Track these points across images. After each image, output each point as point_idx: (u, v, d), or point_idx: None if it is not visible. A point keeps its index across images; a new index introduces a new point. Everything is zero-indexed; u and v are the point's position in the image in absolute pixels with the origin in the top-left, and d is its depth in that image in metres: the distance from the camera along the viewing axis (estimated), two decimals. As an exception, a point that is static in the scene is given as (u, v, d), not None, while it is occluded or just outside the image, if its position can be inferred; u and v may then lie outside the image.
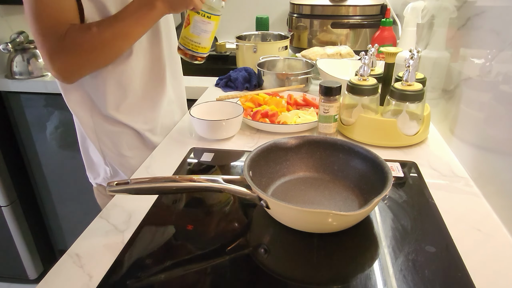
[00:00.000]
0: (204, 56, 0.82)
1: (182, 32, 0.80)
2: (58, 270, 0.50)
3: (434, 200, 0.63)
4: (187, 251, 0.53)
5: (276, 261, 0.51)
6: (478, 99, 0.70)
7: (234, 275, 0.49)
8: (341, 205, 0.60)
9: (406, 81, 0.76)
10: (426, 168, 0.74)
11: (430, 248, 0.52)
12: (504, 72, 0.61)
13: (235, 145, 0.84)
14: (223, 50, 1.67)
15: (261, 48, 1.28)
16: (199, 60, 0.82)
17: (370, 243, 0.54)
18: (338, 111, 0.82)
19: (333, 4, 1.37)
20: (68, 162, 1.47)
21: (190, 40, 0.79)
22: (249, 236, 0.56)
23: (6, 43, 1.30)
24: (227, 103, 0.93)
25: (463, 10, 0.79)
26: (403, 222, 0.58)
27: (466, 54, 0.76)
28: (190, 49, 0.79)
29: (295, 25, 1.47)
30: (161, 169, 0.75)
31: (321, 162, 0.68)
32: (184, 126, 0.94)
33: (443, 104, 0.87)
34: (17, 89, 1.34)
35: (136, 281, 0.48)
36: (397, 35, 1.37)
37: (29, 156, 1.49)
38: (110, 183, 0.53)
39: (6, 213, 1.49)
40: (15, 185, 1.50)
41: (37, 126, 1.41)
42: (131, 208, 0.63)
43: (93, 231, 0.58)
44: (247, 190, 0.55)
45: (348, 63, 1.15)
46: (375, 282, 0.47)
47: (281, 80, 1.11)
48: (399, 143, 0.81)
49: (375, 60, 0.90)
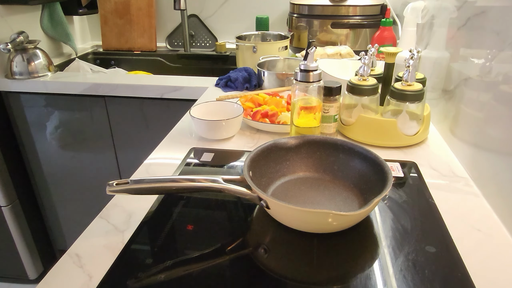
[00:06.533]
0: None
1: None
2: (58, 270, 0.50)
3: (434, 200, 0.63)
4: (187, 251, 0.53)
5: (276, 261, 0.51)
6: (478, 99, 0.70)
7: (234, 275, 0.49)
8: (341, 205, 0.60)
9: (406, 81, 0.76)
10: (426, 168, 0.74)
11: (430, 248, 0.52)
12: (504, 72, 0.61)
13: (235, 145, 0.84)
14: (223, 50, 1.67)
15: (261, 48, 1.28)
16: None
17: (370, 243, 0.54)
18: (338, 111, 0.82)
19: (333, 4, 1.37)
20: (68, 162, 1.47)
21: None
22: (249, 236, 0.56)
23: (6, 43, 1.30)
24: (227, 103, 0.93)
25: (463, 10, 0.79)
26: (403, 222, 0.58)
27: (466, 54, 0.76)
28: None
29: (295, 25, 1.47)
30: (161, 169, 0.75)
31: (321, 162, 0.68)
32: (184, 126, 0.94)
33: (443, 104, 0.87)
34: (17, 89, 1.34)
35: (136, 281, 0.48)
36: (397, 35, 1.37)
37: (29, 156, 1.49)
38: (110, 183, 0.53)
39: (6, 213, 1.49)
40: (15, 185, 1.50)
41: (37, 126, 1.41)
42: (131, 208, 0.63)
43: (93, 231, 0.58)
44: (247, 190, 0.55)
45: (348, 63, 1.15)
46: (375, 282, 0.47)
47: (281, 80, 1.11)
48: (399, 143, 0.81)
49: (375, 60, 0.90)
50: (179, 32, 1.77)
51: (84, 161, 1.45)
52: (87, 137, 1.40)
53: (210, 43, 1.76)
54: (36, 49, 1.38)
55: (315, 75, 0.72)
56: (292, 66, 1.22)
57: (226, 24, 1.76)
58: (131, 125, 1.34)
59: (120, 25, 1.74)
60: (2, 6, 1.37)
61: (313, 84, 0.72)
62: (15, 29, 1.41)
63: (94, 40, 1.91)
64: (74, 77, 1.34)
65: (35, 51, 1.38)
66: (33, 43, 1.38)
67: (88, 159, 1.45)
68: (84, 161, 1.45)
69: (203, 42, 1.77)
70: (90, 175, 1.48)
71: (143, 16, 1.72)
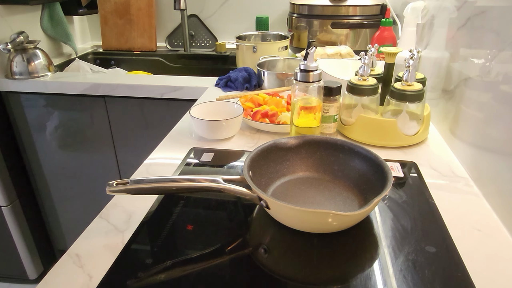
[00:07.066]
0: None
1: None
2: (58, 270, 0.50)
3: (434, 200, 0.63)
4: (187, 251, 0.53)
5: (276, 261, 0.51)
6: (478, 99, 0.70)
7: (234, 275, 0.49)
8: (341, 205, 0.60)
9: (406, 81, 0.76)
10: (426, 168, 0.74)
11: (430, 248, 0.52)
12: (504, 72, 0.61)
13: (235, 145, 0.84)
14: (223, 50, 1.67)
15: (261, 48, 1.28)
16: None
17: (370, 243, 0.54)
18: (338, 111, 0.82)
19: (333, 4, 1.37)
20: (68, 162, 1.47)
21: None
22: (249, 236, 0.56)
23: (6, 43, 1.30)
24: (227, 103, 0.93)
25: (463, 10, 0.79)
26: (403, 222, 0.58)
27: (466, 54, 0.76)
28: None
29: (295, 25, 1.47)
30: (161, 169, 0.75)
31: (321, 162, 0.68)
32: (184, 126, 0.94)
33: (443, 104, 0.87)
34: (17, 89, 1.34)
35: (136, 281, 0.48)
36: (397, 35, 1.37)
37: (29, 156, 1.49)
38: (110, 183, 0.53)
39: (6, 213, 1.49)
40: (15, 185, 1.50)
41: (37, 126, 1.41)
42: (131, 208, 0.63)
43: (93, 231, 0.58)
44: (247, 190, 0.55)
45: (348, 63, 1.15)
46: (375, 282, 0.47)
47: (281, 80, 1.11)
48: (399, 143, 0.81)
49: (375, 60, 0.90)
50: (179, 32, 1.77)
51: (84, 161, 1.45)
52: (87, 137, 1.40)
53: (210, 43, 1.76)
54: (36, 49, 1.38)
55: (315, 75, 0.72)
56: (292, 66, 1.22)
57: (226, 24, 1.76)
58: (131, 125, 1.34)
59: (120, 25, 1.74)
60: (2, 6, 1.37)
61: (313, 84, 0.72)
62: (15, 29, 1.41)
63: (94, 40, 1.91)
64: (74, 77, 1.34)
65: (35, 51, 1.38)
66: (33, 43, 1.38)
67: (88, 159, 1.45)
68: (84, 161, 1.45)
69: (203, 42, 1.77)
70: (90, 175, 1.48)
71: (143, 16, 1.72)
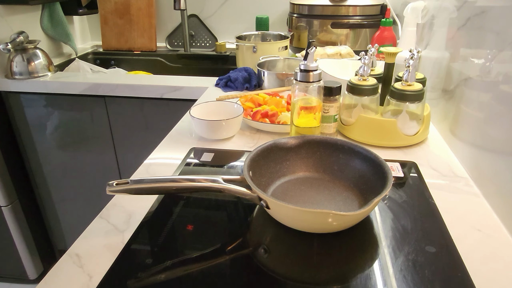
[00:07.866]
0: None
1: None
2: (58, 270, 0.50)
3: (434, 200, 0.63)
4: (187, 251, 0.53)
5: (276, 261, 0.51)
6: (478, 99, 0.70)
7: (234, 275, 0.49)
8: (341, 205, 0.60)
9: (406, 81, 0.76)
10: (426, 168, 0.74)
11: (430, 248, 0.52)
12: (504, 72, 0.61)
13: (235, 145, 0.84)
14: (223, 50, 1.67)
15: (261, 48, 1.28)
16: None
17: (370, 243, 0.54)
18: (338, 111, 0.82)
19: (333, 4, 1.37)
20: (68, 162, 1.47)
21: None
22: (249, 236, 0.56)
23: (6, 43, 1.30)
24: (227, 103, 0.93)
25: (463, 10, 0.79)
26: (403, 222, 0.58)
27: (466, 54, 0.76)
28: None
29: (295, 25, 1.47)
30: (161, 169, 0.75)
31: (321, 162, 0.68)
32: (184, 126, 0.94)
33: (443, 104, 0.87)
34: (17, 89, 1.34)
35: (136, 281, 0.48)
36: (397, 35, 1.37)
37: (29, 156, 1.49)
38: (110, 183, 0.53)
39: (6, 213, 1.49)
40: (15, 185, 1.50)
41: (37, 126, 1.41)
42: (131, 208, 0.63)
43: (93, 231, 0.58)
44: (247, 190, 0.55)
45: (348, 63, 1.15)
46: (375, 282, 0.47)
47: (281, 80, 1.11)
48: (399, 143, 0.81)
49: (375, 60, 0.90)
50: (179, 32, 1.77)
51: (84, 161, 1.45)
52: (87, 137, 1.40)
53: (210, 43, 1.76)
54: (36, 49, 1.38)
55: (315, 75, 0.72)
56: (292, 66, 1.22)
57: (226, 24, 1.76)
58: (131, 125, 1.34)
59: (120, 25, 1.74)
60: (2, 6, 1.37)
61: (313, 84, 0.72)
62: (15, 29, 1.41)
63: (94, 40, 1.91)
64: (74, 77, 1.34)
65: (35, 51, 1.38)
66: (33, 43, 1.38)
67: (88, 159, 1.45)
68: (84, 161, 1.45)
69: (203, 42, 1.77)
70: (90, 175, 1.48)
71: (143, 16, 1.72)
